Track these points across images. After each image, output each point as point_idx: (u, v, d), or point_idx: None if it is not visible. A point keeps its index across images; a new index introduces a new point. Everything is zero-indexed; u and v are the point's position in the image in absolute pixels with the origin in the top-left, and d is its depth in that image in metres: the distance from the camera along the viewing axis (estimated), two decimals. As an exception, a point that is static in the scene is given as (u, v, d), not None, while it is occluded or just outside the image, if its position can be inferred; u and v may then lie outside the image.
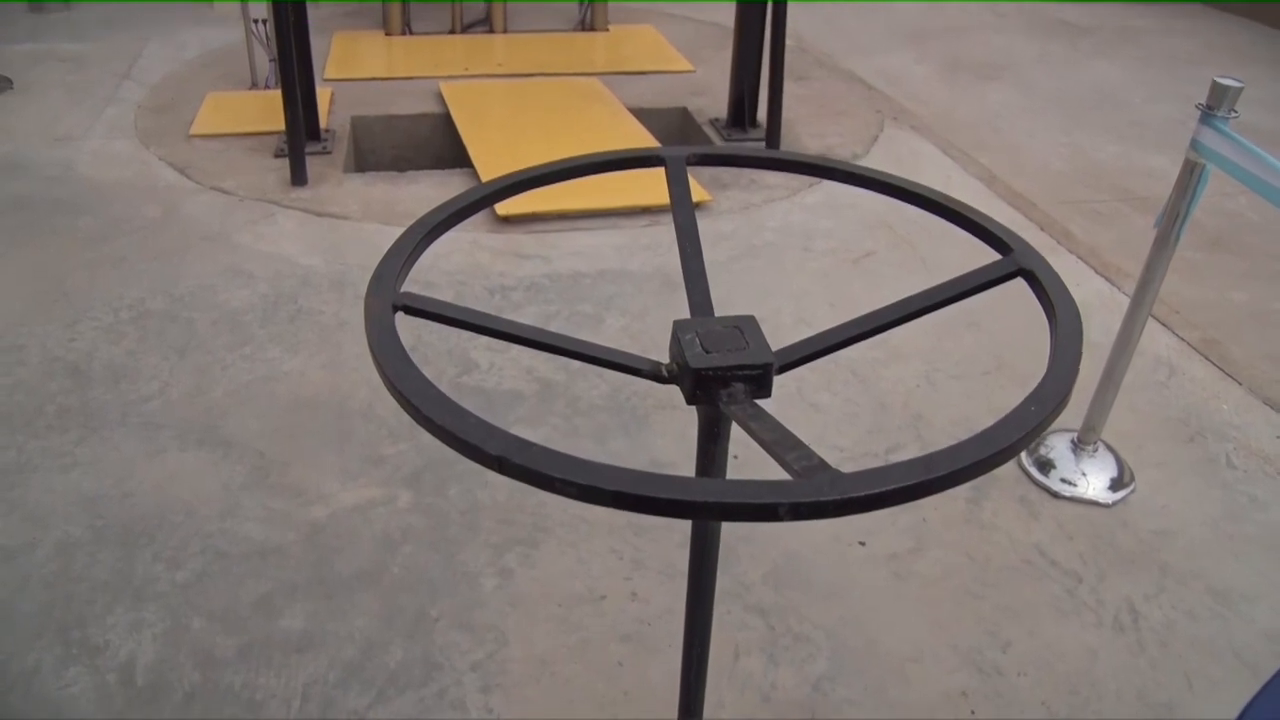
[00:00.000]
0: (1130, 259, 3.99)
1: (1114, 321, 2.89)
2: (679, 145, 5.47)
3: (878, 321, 1.16)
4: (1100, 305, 3.76)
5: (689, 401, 1.13)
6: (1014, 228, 1.27)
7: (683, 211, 1.28)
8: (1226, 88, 2.42)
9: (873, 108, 5.78)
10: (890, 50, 7.18)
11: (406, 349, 1.03)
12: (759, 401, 1.10)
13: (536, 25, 7.03)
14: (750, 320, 1.15)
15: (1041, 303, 1.18)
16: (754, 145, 5.04)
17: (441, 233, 1.21)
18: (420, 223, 1.20)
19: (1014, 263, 1.23)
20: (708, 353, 1.10)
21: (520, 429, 2.96)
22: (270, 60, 5.32)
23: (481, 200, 1.26)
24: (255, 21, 5.32)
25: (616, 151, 1.39)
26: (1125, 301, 2.87)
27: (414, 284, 1.19)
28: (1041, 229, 4.35)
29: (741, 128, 5.25)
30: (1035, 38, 7.74)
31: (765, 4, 4.78)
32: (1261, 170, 2.32)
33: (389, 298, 1.08)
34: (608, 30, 6.92)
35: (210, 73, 5.85)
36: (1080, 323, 1.12)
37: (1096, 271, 4.03)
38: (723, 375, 1.09)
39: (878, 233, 4.14)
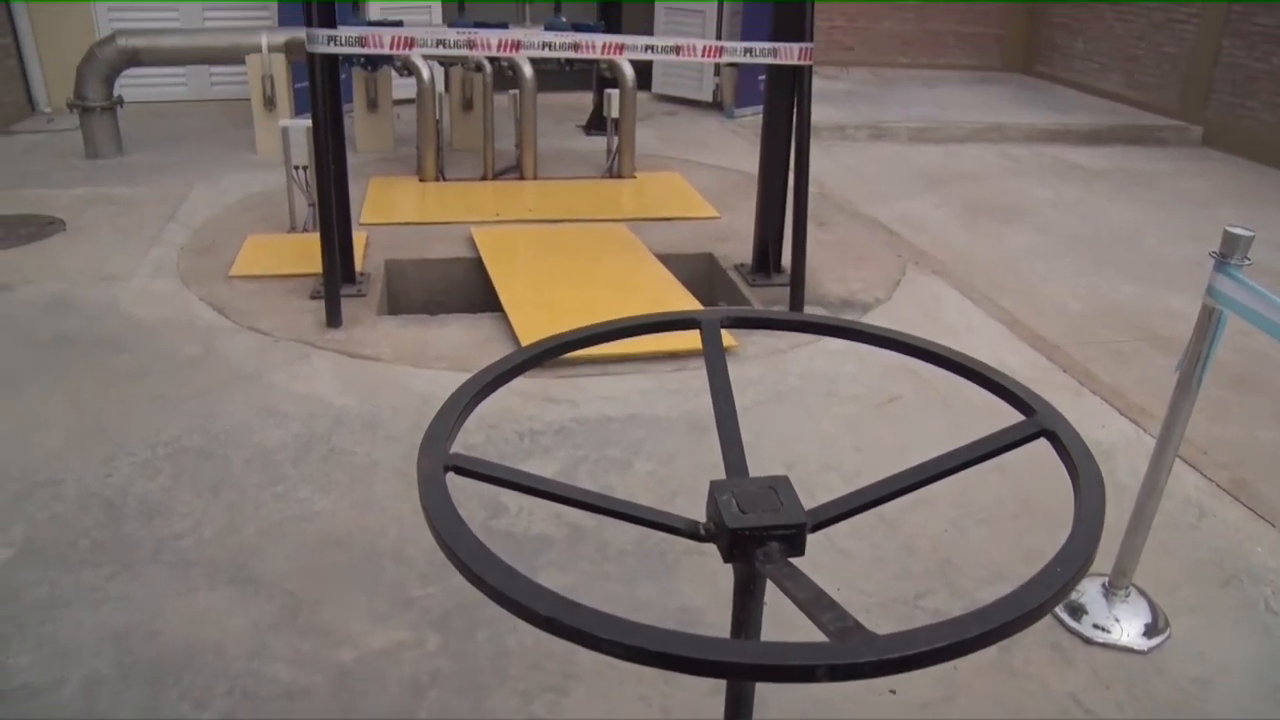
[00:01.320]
0: (1154, 399, 4.02)
1: (1141, 463, 2.90)
2: (705, 289, 5.56)
3: (906, 482, 1.20)
4: (1126, 447, 3.77)
5: (726, 560, 1.16)
6: (1037, 370, 1.33)
7: (717, 373, 1.34)
8: (1238, 236, 2.50)
9: (894, 252, 5.92)
10: (909, 196, 7.39)
11: None
12: (793, 560, 1.14)
13: (566, 172, 7.30)
14: (784, 480, 1.20)
15: (1065, 463, 1.22)
16: (779, 292, 5.13)
17: (487, 395, 1.28)
18: (471, 382, 1.26)
19: (1037, 424, 1.28)
20: (744, 513, 1.14)
21: (549, 574, 2.97)
22: (309, 205, 5.53)
23: (524, 364, 1.33)
24: (296, 168, 5.56)
25: (654, 315, 1.46)
26: (1151, 442, 2.89)
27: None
28: (1064, 370, 4.40)
29: (766, 273, 5.37)
30: (1049, 181, 7.96)
31: (788, 153, 4.96)
32: (1277, 315, 2.38)
33: (440, 459, 1.13)
34: (634, 177, 7.16)
35: (250, 216, 6.09)
36: (1102, 484, 1.16)
37: (1121, 413, 4.05)
38: (758, 535, 1.13)
39: (901, 377, 4.20)
